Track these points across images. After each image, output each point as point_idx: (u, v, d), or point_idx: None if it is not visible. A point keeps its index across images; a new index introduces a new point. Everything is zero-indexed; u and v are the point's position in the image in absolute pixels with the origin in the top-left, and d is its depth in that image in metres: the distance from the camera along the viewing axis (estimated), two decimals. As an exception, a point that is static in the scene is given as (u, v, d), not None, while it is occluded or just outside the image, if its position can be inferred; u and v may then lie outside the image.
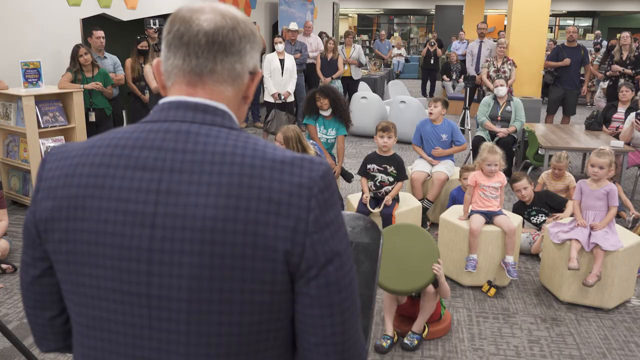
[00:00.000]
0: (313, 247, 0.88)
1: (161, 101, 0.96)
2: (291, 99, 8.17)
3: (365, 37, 24.52)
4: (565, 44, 8.19)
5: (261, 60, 9.12)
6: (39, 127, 5.25)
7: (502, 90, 6.53)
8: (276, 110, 7.84)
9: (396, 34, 24.50)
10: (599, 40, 15.17)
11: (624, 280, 3.66)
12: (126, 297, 0.89)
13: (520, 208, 4.76)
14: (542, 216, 4.66)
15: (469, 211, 4.00)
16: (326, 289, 0.89)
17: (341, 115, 5.43)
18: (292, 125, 4.33)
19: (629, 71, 7.72)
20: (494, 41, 9.43)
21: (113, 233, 0.88)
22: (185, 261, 0.86)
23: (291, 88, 8.10)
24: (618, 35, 14.08)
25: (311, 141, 4.92)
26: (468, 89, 8.16)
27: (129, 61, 6.68)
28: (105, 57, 6.42)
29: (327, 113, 5.40)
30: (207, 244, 0.85)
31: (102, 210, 0.89)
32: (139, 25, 7.93)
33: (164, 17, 7.26)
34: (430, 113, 5.20)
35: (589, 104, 12.59)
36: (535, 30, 8.59)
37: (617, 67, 7.81)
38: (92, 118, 5.81)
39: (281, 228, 0.86)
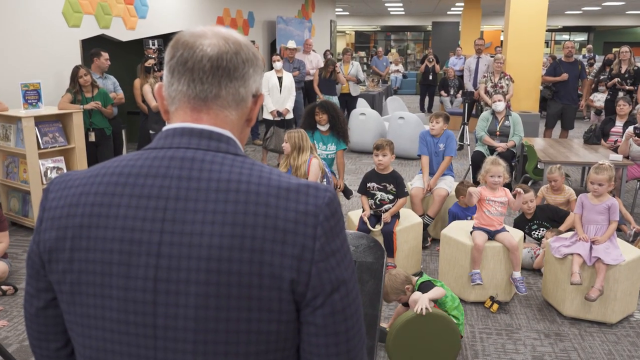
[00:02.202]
0: (319, 276, 0.87)
1: (165, 128, 0.96)
2: (290, 116, 8.20)
3: (363, 53, 24.69)
4: (563, 59, 8.25)
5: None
6: (39, 147, 5.26)
7: (500, 106, 6.56)
8: (275, 128, 7.88)
9: (393, 50, 24.69)
10: (592, 55, 15.29)
11: (627, 294, 3.65)
12: (131, 327, 0.87)
13: (521, 222, 4.76)
14: (542, 230, 4.66)
15: (472, 227, 4.00)
16: (332, 318, 0.89)
17: (339, 131, 5.45)
18: (299, 130, 4.44)
19: (629, 87, 7.76)
20: (491, 57, 9.50)
21: (119, 263, 0.87)
22: (192, 290, 0.84)
23: (290, 105, 8.14)
24: (615, 50, 14.20)
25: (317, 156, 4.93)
26: (466, 104, 8.19)
27: (137, 81, 6.69)
28: (106, 77, 6.45)
29: (324, 128, 5.42)
30: (213, 273, 0.84)
31: (107, 239, 0.88)
32: (138, 45, 7.99)
33: (162, 38, 7.31)
34: (432, 128, 5.21)
35: (585, 117, 12.64)
36: (532, 46, 8.66)
37: (615, 80, 7.87)
38: (92, 138, 5.82)
39: (287, 257, 0.86)
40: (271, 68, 8.24)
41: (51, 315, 0.98)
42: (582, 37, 27.20)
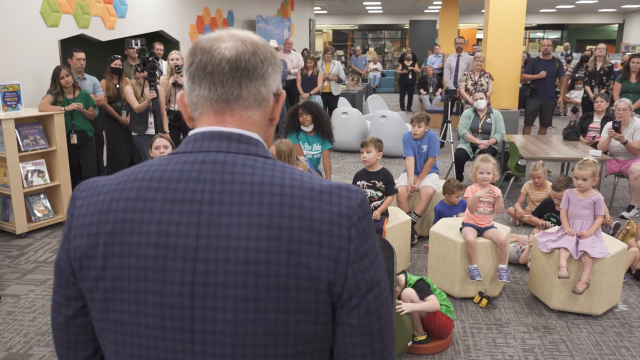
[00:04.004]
0: (355, 277, 0.88)
1: (192, 132, 0.95)
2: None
3: (340, 52, 24.73)
4: (541, 56, 8.38)
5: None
6: (19, 150, 5.18)
7: (482, 103, 6.65)
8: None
9: (371, 49, 24.80)
10: (569, 52, 15.57)
11: (611, 286, 3.73)
12: (168, 332, 0.87)
13: (546, 207, 4.88)
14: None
15: (461, 224, 4.05)
16: (367, 318, 0.90)
17: (323, 131, 5.46)
18: (285, 140, 4.38)
19: (592, 93, 7.91)
20: (470, 55, 9.61)
21: (154, 268, 0.86)
22: (230, 294, 0.85)
23: (272, 105, 8.12)
24: (588, 47, 14.46)
25: (302, 157, 4.94)
26: (449, 102, 8.28)
27: (103, 82, 6.60)
28: (84, 78, 6.36)
29: (308, 129, 5.43)
30: (252, 275, 0.84)
31: (141, 245, 0.87)
32: (118, 45, 7.90)
33: (145, 37, 7.24)
34: (415, 133, 5.24)
35: (562, 114, 12.86)
36: (511, 45, 8.79)
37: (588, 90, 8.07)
38: (74, 140, 5.73)
39: (324, 258, 0.86)
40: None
41: (81, 323, 0.97)
42: (555, 35, 27.64)
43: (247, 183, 0.88)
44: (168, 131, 6.21)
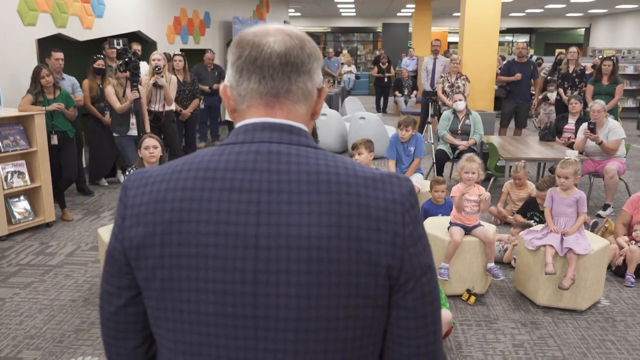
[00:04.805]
0: (410, 261, 0.91)
1: (242, 123, 0.96)
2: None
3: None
4: (516, 59, 8.57)
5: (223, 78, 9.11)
6: (-1, 151, 5.07)
7: (461, 105, 6.77)
8: (238, 129, 7.85)
9: (345, 51, 24.91)
10: (530, 56, 15.94)
11: (595, 282, 3.85)
12: (230, 319, 0.88)
13: (529, 206, 4.96)
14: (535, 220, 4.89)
15: (448, 223, 4.12)
16: (421, 301, 0.93)
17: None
18: None
19: (566, 96, 8.09)
20: (445, 56, 9.76)
21: (215, 256, 0.87)
22: (293, 280, 0.86)
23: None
24: (557, 50, 14.81)
25: None
26: (429, 104, 8.41)
27: (86, 82, 6.53)
28: (63, 78, 6.26)
29: None
30: (314, 262, 0.86)
31: (201, 234, 0.88)
32: (96, 45, 7.79)
33: (127, 37, 7.14)
34: (403, 137, 5.41)
35: (534, 116, 13.13)
36: (486, 47, 8.95)
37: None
38: (55, 141, 5.63)
39: (382, 243, 0.89)
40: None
41: (131, 312, 0.98)
42: (524, 39, 28.19)
43: (303, 172, 0.90)
44: (149, 131, 6.15)
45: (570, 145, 6.48)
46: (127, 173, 3.99)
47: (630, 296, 4.10)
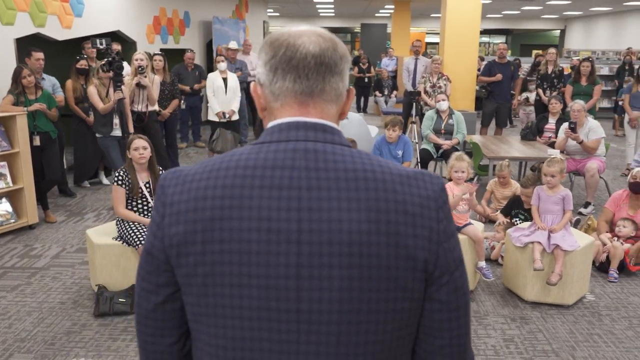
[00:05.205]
0: (445, 256, 0.95)
1: (276, 122, 0.98)
2: (236, 117, 8.16)
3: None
4: (497, 60, 8.69)
5: (202, 79, 9.06)
6: (-19, 152, 4.97)
7: (444, 105, 6.84)
8: (221, 129, 7.80)
9: (323, 52, 24.96)
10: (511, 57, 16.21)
11: (581, 277, 3.94)
12: (273, 313, 0.90)
13: (514, 204, 5.03)
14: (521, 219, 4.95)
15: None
16: (454, 294, 0.97)
17: None
18: None
19: (545, 97, 8.24)
20: (424, 56, 9.85)
21: (258, 252, 0.89)
22: (335, 274, 0.89)
23: (235, 106, 8.10)
24: (535, 51, 15.04)
25: None
26: (414, 104, 8.48)
27: (69, 82, 6.45)
28: (43, 78, 6.16)
29: None
30: (355, 256, 0.89)
31: (243, 230, 0.90)
32: (75, 45, 7.68)
33: (109, 36, 7.05)
34: (390, 137, 5.49)
35: (514, 116, 13.32)
36: (467, 48, 9.06)
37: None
38: (37, 142, 5.54)
39: (419, 238, 0.92)
40: (210, 69, 8.16)
41: (169, 310, 0.98)
42: (500, 40, 28.57)
43: (341, 170, 0.93)
44: (133, 132, 6.09)
45: (551, 145, 6.60)
46: (116, 175, 3.95)
47: (614, 291, 4.20)
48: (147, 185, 4.00)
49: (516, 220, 4.94)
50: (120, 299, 3.74)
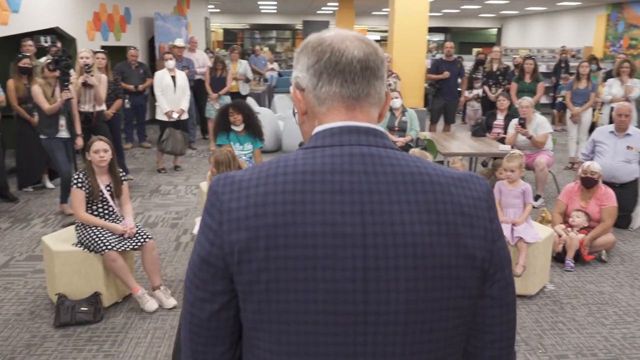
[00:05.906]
0: (498, 254, 0.99)
1: (326, 126, 0.99)
2: (185, 116, 7.96)
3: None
4: (444, 58, 8.89)
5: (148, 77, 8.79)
6: None
7: (397, 102, 6.94)
8: (170, 129, 7.59)
9: (266, 49, 24.76)
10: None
11: (542, 268, 4.08)
12: (340, 317, 0.91)
13: None
14: None
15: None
16: (505, 290, 1.01)
17: (254, 130, 5.48)
18: (223, 149, 4.22)
19: (492, 94, 8.49)
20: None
21: (324, 257, 0.90)
22: (401, 276, 0.91)
23: (185, 105, 7.89)
24: (475, 50, 15.49)
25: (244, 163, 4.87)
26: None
27: (11, 82, 6.11)
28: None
29: (239, 128, 5.41)
30: (419, 257, 0.91)
31: (308, 235, 0.90)
32: (13, 43, 7.28)
33: (47, 33, 6.72)
34: None
35: (460, 112, 13.66)
36: (415, 45, 9.20)
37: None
38: (-22, 145, 5.22)
39: (476, 238, 0.96)
40: (153, 67, 7.93)
41: (223, 318, 0.98)
42: (439, 37, 29.28)
43: (398, 173, 0.95)
44: (81, 133, 5.83)
45: (501, 140, 6.81)
46: (75, 177, 3.75)
47: (572, 280, 4.38)
48: (109, 188, 3.84)
49: None
50: (82, 308, 3.57)
